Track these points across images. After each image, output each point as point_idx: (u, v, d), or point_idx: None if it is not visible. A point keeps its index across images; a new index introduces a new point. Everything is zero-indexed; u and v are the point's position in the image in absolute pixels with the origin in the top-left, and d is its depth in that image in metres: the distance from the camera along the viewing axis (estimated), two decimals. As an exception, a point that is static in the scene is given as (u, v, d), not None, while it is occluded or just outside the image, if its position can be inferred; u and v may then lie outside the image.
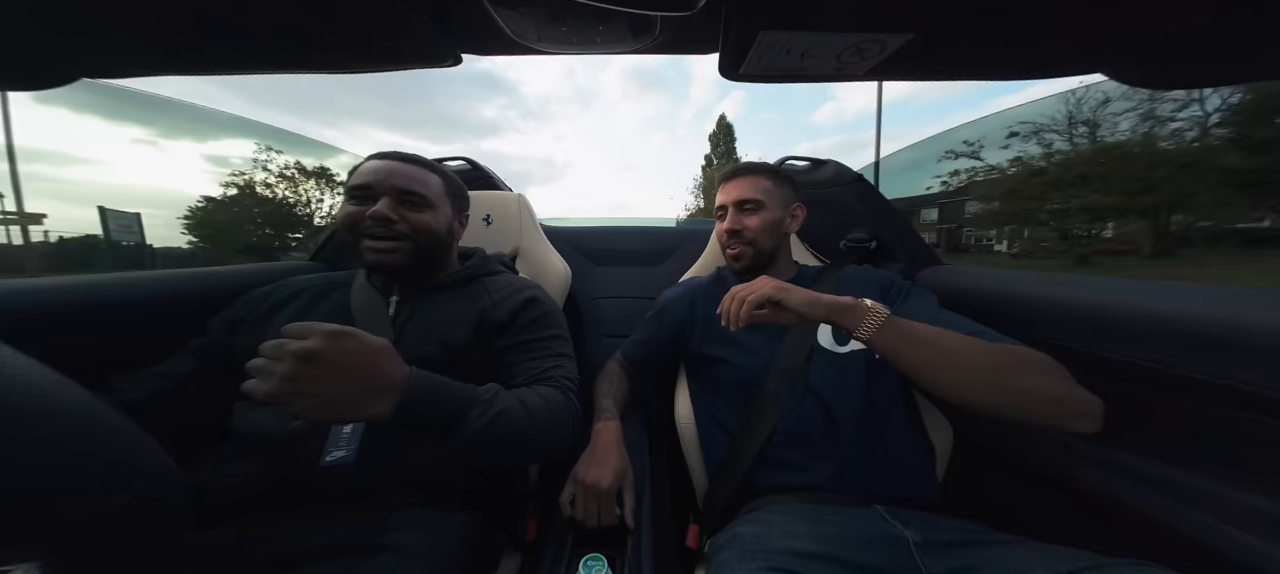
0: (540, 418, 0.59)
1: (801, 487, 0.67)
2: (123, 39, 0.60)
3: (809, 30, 0.56)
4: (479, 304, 0.72)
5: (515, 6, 0.55)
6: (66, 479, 0.35)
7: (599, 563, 0.55)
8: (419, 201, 0.70)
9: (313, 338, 0.43)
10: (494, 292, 0.75)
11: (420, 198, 0.70)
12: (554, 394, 0.63)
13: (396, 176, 0.69)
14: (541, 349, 0.70)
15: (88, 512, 0.36)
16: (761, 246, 0.84)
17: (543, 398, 0.61)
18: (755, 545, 0.56)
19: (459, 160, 1.40)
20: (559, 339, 0.74)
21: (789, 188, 0.88)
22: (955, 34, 0.59)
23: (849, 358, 0.73)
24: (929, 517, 0.61)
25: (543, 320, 0.73)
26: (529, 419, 0.57)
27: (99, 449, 0.37)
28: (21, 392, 0.33)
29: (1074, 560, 0.49)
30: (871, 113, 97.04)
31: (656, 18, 0.57)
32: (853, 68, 0.67)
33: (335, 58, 0.69)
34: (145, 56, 0.65)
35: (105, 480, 0.38)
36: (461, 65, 0.68)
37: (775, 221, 0.84)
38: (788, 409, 0.71)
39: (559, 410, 0.62)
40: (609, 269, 1.46)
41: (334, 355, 0.44)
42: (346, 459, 0.59)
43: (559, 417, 0.61)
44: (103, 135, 9.28)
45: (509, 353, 0.70)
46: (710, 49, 0.66)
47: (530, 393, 0.61)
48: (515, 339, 0.70)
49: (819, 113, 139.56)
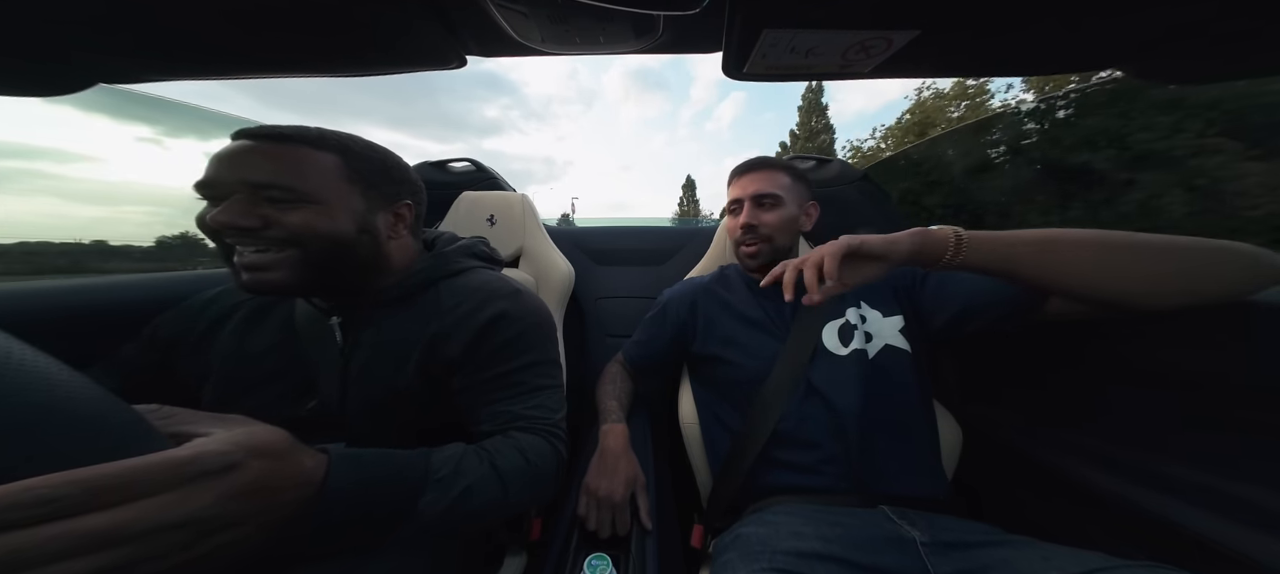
0: (517, 483, 0.49)
1: (806, 487, 0.67)
2: (131, 44, 0.61)
3: (813, 27, 0.56)
4: (429, 328, 0.57)
5: (519, 8, 0.56)
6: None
7: (603, 563, 0.55)
8: (291, 196, 0.49)
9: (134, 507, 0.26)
10: (448, 309, 0.58)
11: (292, 189, 0.49)
12: (533, 444, 0.53)
13: (250, 165, 0.48)
14: (513, 386, 0.57)
15: None
16: (778, 244, 0.81)
17: (520, 453, 0.51)
18: (760, 546, 0.55)
19: (464, 161, 1.41)
20: (537, 366, 0.60)
21: (804, 185, 0.85)
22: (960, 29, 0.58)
23: (851, 359, 0.72)
24: (937, 517, 0.60)
25: (514, 345, 0.58)
26: (504, 489, 0.47)
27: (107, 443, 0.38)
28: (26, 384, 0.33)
29: (1085, 562, 0.48)
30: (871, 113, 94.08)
31: (660, 17, 0.57)
32: (858, 64, 0.66)
33: (340, 61, 0.70)
34: (154, 61, 0.66)
35: None
36: (466, 67, 0.69)
37: (792, 219, 0.82)
38: (789, 410, 0.70)
39: (542, 465, 0.53)
40: (612, 269, 1.46)
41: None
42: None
43: (542, 473, 0.52)
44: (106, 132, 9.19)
45: (470, 393, 0.56)
46: (713, 48, 0.66)
47: (503, 449, 0.51)
48: (475, 377, 0.56)
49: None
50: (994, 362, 0.85)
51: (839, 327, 0.75)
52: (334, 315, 0.58)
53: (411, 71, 0.70)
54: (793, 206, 0.82)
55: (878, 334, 0.74)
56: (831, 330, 0.75)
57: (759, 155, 0.88)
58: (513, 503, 0.49)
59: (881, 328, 0.74)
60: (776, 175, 0.83)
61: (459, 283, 0.62)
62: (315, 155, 0.52)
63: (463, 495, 0.44)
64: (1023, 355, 0.79)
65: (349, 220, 0.53)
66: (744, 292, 0.86)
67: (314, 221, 0.50)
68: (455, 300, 0.59)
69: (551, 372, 0.62)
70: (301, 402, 0.55)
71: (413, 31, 0.60)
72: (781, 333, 0.77)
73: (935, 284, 0.74)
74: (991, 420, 0.81)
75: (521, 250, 1.14)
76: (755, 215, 0.82)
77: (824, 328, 0.75)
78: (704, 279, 0.94)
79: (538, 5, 0.55)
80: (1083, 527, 0.64)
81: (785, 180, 0.83)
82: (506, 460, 0.49)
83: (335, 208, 0.52)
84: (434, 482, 0.43)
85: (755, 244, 0.82)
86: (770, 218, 0.80)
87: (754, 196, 0.82)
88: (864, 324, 0.75)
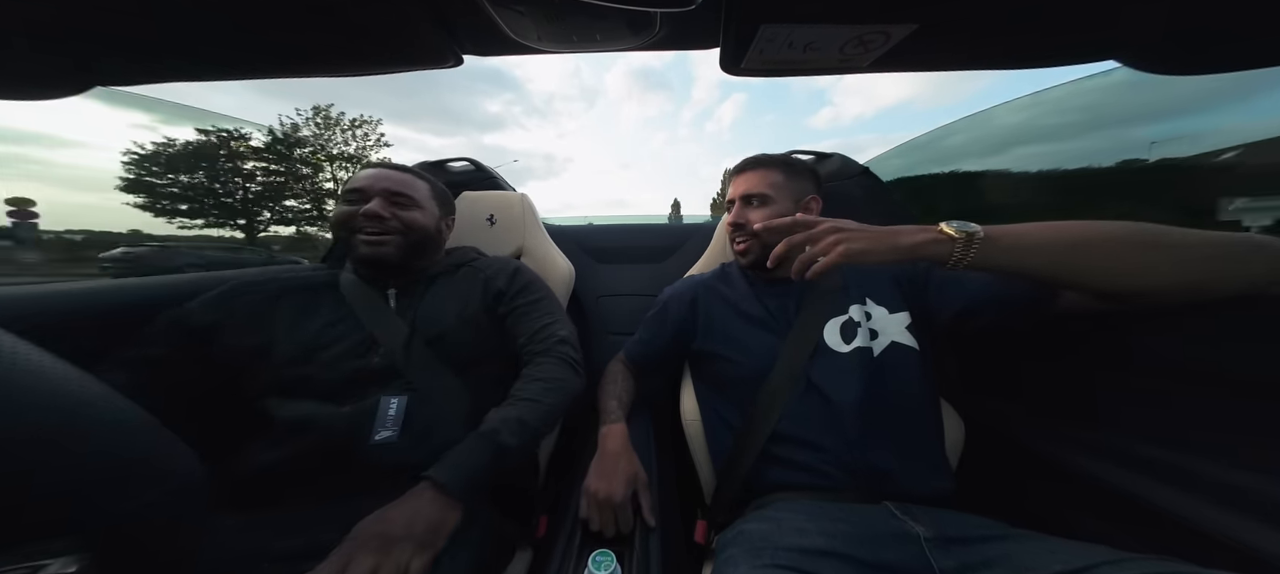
0: (548, 396, 0.69)
1: (808, 484, 0.67)
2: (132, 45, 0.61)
3: (811, 22, 0.55)
4: (478, 279, 0.84)
5: (515, 6, 0.55)
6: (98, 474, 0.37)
7: (608, 559, 0.56)
8: (407, 201, 0.80)
9: (360, 545, 0.48)
10: (485, 269, 0.87)
11: (408, 198, 0.80)
12: (551, 368, 0.73)
13: (386, 180, 0.79)
14: (536, 309, 0.83)
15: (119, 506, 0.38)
16: (767, 242, 0.82)
17: (543, 380, 0.71)
18: (762, 542, 0.55)
19: (463, 161, 1.41)
20: (548, 298, 0.87)
21: (804, 181, 0.85)
22: (959, 22, 0.58)
23: (852, 356, 0.72)
24: (941, 512, 0.60)
25: (532, 285, 0.87)
26: (539, 404, 0.68)
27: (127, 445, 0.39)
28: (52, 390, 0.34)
29: (1090, 556, 0.48)
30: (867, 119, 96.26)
31: (656, 14, 0.56)
32: (856, 59, 0.66)
33: (337, 60, 0.70)
34: (154, 62, 0.66)
35: (134, 475, 0.39)
36: (467, 63, 0.69)
37: (783, 216, 0.82)
38: (789, 407, 0.70)
39: (560, 375, 0.73)
40: (613, 266, 1.46)
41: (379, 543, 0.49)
42: (392, 438, 0.64)
43: (562, 381, 0.72)
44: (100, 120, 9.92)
45: (510, 317, 0.82)
46: (711, 44, 0.66)
47: (530, 383, 0.70)
48: (513, 304, 0.82)
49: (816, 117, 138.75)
50: (997, 355, 0.85)
51: (841, 324, 0.75)
52: (390, 288, 0.79)
53: (408, 71, 0.70)
54: (785, 204, 0.82)
55: (883, 331, 0.74)
56: (834, 327, 0.75)
57: (756, 154, 0.88)
58: (554, 405, 0.69)
59: (887, 325, 0.74)
60: (768, 174, 0.83)
61: (481, 260, 0.91)
62: (418, 181, 0.84)
63: (520, 425, 0.64)
64: (1026, 349, 0.79)
65: (432, 221, 0.84)
66: (745, 289, 0.86)
67: (418, 218, 0.81)
68: (486, 264, 0.89)
69: (557, 306, 0.88)
70: (366, 357, 0.71)
71: (409, 31, 0.60)
72: (782, 330, 0.77)
73: (941, 280, 0.73)
74: (994, 414, 0.81)
75: (521, 249, 1.14)
76: (743, 214, 0.83)
77: (826, 325, 0.75)
78: (705, 276, 0.94)
79: (534, 3, 0.55)
80: (1086, 521, 0.64)
81: (777, 178, 0.83)
82: (531, 388, 0.69)
83: (428, 213, 0.83)
84: (494, 430, 0.62)
85: (744, 242, 0.84)
86: (757, 216, 0.81)
87: (743, 196, 0.83)
88: (869, 321, 0.75)
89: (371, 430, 0.64)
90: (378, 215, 0.75)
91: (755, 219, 0.81)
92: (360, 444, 0.63)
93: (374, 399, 0.66)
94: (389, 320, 0.74)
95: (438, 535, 0.53)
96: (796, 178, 0.84)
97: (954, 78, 16.07)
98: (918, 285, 0.76)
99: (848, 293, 0.78)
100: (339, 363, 0.69)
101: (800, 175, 0.85)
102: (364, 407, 0.65)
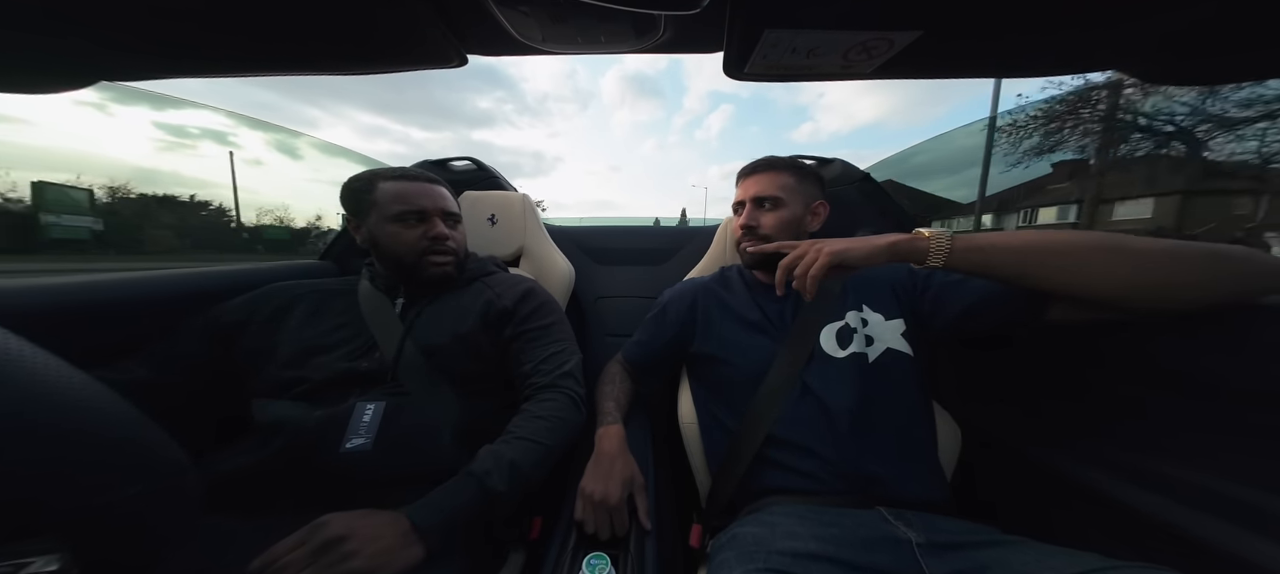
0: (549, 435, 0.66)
1: (801, 488, 0.67)
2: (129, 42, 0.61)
3: (815, 28, 0.56)
4: (484, 297, 0.81)
5: (521, 7, 0.55)
6: (85, 471, 0.36)
7: (602, 562, 0.56)
8: (457, 219, 0.85)
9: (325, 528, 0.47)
10: (495, 286, 0.84)
11: (458, 216, 0.85)
12: (553, 406, 0.69)
13: (443, 200, 0.82)
14: (544, 336, 0.79)
15: (105, 503, 0.37)
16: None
17: (544, 419, 0.67)
18: (755, 546, 0.56)
19: (464, 160, 1.41)
20: (559, 325, 0.83)
21: (812, 185, 0.85)
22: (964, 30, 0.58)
23: (848, 361, 0.72)
24: (933, 518, 0.60)
25: (542, 309, 0.83)
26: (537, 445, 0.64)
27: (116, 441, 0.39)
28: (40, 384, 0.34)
29: (1081, 562, 0.48)
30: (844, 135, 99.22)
31: (661, 17, 0.56)
32: (860, 65, 0.66)
33: (339, 60, 0.70)
34: (154, 58, 0.66)
35: (122, 472, 0.39)
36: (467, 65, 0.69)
37: (794, 220, 0.82)
38: (784, 412, 0.71)
39: (561, 413, 0.69)
40: (612, 268, 1.46)
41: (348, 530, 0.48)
42: (365, 446, 0.61)
43: (564, 420, 0.69)
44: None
45: (516, 342, 0.78)
46: (714, 48, 0.66)
47: (530, 420, 0.66)
48: (520, 328, 0.79)
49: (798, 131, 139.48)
50: (993, 362, 0.85)
51: (837, 330, 0.75)
52: (398, 297, 0.79)
53: (412, 70, 0.70)
54: (796, 207, 0.82)
55: (879, 337, 0.74)
56: (830, 333, 0.75)
57: (767, 156, 0.88)
58: (552, 446, 0.65)
59: (883, 331, 0.74)
60: (779, 177, 0.83)
61: (495, 277, 0.89)
62: (453, 194, 0.87)
63: (511, 467, 0.59)
64: (1022, 356, 0.79)
65: (466, 240, 0.89)
66: (744, 293, 0.86)
67: (464, 234, 0.87)
68: (497, 282, 0.87)
69: (567, 333, 0.84)
70: (362, 360, 0.70)
71: (413, 31, 0.60)
72: (779, 335, 0.78)
73: (937, 287, 0.74)
74: (989, 421, 0.81)
75: (522, 250, 1.14)
76: (754, 217, 0.83)
77: (822, 331, 0.75)
78: (705, 279, 0.94)
79: (539, 4, 0.55)
80: (1079, 527, 0.64)
81: (789, 181, 0.83)
82: (531, 427, 0.65)
83: (464, 233, 0.88)
84: (485, 472, 0.57)
85: (754, 244, 0.83)
86: (769, 219, 0.82)
87: (755, 198, 0.83)
88: (865, 327, 0.75)
89: (343, 438, 0.61)
90: (445, 236, 0.78)
91: (767, 222, 0.82)
92: (329, 451, 0.60)
93: (349, 404, 0.63)
94: (391, 325, 0.74)
95: (387, 567, 0.48)
96: (806, 182, 0.84)
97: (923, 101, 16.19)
98: (915, 293, 0.76)
99: (845, 299, 0.78)
100: (332, 365, 0.68)
101: (809, 179, 0.85)
102: (338, 412, 0.62)
